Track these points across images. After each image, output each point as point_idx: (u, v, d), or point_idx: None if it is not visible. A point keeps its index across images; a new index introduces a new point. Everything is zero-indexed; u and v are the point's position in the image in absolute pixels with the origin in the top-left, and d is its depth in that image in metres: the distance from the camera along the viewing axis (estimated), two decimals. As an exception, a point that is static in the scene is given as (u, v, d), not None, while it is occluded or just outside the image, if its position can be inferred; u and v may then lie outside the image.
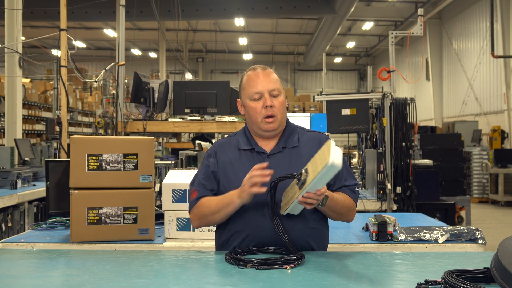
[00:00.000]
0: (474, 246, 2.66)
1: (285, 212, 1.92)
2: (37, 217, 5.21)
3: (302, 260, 1.83)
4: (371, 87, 7.86)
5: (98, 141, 2.71)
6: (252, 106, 2.08)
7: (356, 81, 25.95)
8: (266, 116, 2.05)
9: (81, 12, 12.64)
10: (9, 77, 7.44)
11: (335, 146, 1.77)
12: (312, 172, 1.77)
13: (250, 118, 2.11)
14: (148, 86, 5.25)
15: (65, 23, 5.09)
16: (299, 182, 1.81)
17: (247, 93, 2.09)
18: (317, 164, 1.77)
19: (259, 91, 2.07)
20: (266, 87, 2.07)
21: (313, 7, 13.40)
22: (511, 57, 12.32)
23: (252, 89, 2.08)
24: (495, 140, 12.28)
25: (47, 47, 16.94)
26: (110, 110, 10.49)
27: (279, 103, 2.07)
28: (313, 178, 1.74)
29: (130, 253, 2.14)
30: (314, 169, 1.78)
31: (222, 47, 22.89)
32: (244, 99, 2.11)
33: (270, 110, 2.05)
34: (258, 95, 2.07)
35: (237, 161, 2.09)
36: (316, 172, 1.73)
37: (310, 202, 1.82)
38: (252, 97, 2.08)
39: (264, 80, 2.08)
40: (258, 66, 2.14)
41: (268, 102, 2.05)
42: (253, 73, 2.11)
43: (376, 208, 5.26)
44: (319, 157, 1.80)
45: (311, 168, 1.81)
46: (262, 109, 2.06)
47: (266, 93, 2.06)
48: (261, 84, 2.07)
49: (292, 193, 1.89)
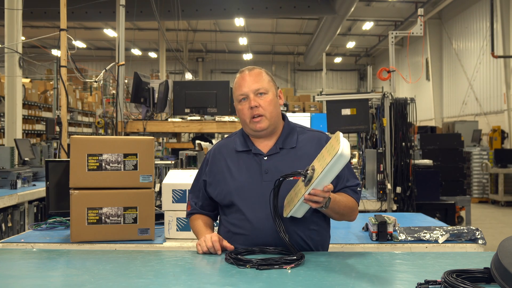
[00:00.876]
0: (474, 246, 2.65)
1: (288, 214, 1.89)
2: (37, 217, 5.21)
3: (302, 260, 1.83)
4: (371, 87, 7.87)
5: (98, 141, 2.71)
6: (239, 108, 2.10)
7: (356, 81, 25.95)
8: (253, 116, 2.06)
9: (81, 12, 12.63)
10: (9, 77, 7.43)
11: (343, 138, 1.76)
12: (320, 166, 1.75)
13: (241, 120, 2.13)
14: (148, 86, 5.25)
15: (65, 23, 5.09)
16: (305, 179, 1.78)
17: (235, 96, 2.12)
18: (325, 157, 1.75)
19: (243, 92, 2.07)
20: (251, 88, 2.07)
21: (313, 7, 13.40)
22: (511, 57, 12.32)
23: (238, 91, 2.10)
24: (495, 140, 12.28)
25: (47, 47, 16.93)
26: (110, 110, 10.49)
27: (266, 102, 2.06)
28: (321, 171, 1.72)
29: (130, 253, 2.14)
30: (322, 162, 1.76)
31: (222, 47, 22.89)
32: (235, 102, 2.14)
33: (256, 110, 2.05)
34: (243, 97, 2.08)
35: (234, 164, 2.10)
36: (325, 164, 1.71)
37: (317, 200, 1.79)
38: (238, 99, 2.10)
39: (249, 81, 2.08)
40: (246, 68, 2.15)
41: (252, 103, 2.05)
42: (240, 75, 2.13)
43: (376, 208, 5.26)
44: (327, 151, 1.78)
45: (318, 164, 1.79)
46: (249, 110, 2.06)
47: (251, 93, 2.06)
48: (246, 85, 2.07)
49: (296, 191, 1.87)
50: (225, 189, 2.06)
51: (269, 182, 1.98)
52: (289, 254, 1.88)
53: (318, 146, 2.00)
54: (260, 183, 2.02)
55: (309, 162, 1.91)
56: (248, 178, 2.05)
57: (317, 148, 1.96)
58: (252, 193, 2.01)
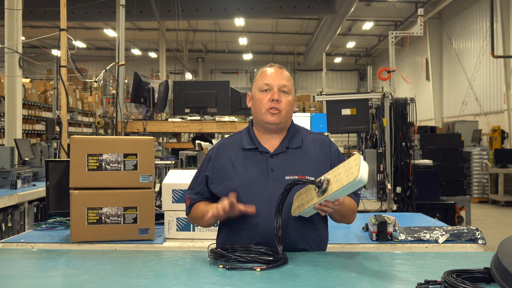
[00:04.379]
0: (474, 246, 2.66)
1: (297, 214, 1.92)
2: (37, 217, 5.21)
3: (278, 263, 1.78)
4: (371, 87, 7.87)
5: (98, 141, 2.71)
6: (259, 97, 2.10)
7: (356, 81, 25.95)
8: (271, 108, 2.07)
9: (81, 12, 12.63)
10: (9, 77, 7.43)
11: (364, 161, 1.78)
12: (336, 183, 1.78)
13: (255, 109, 2.12)
14: (148, 86, 5.24)
15: (65, 23, 5.09)
16: (319, 190, 1.82)
17: (257, 84, 2.12)
18: (342, 176, 1.78)
19: (269, 83, 2.10)
20: (277, 82, 2.10)
21: (313, 7, 13.40)
22: (511, 57, 12.32)
23: (263, 80, 2.11)
24: (495, 140, 12.29)
25: (47, 47, 16.93)
26: (110, 110, 10.48)
27: (286, 101, 2.10)
28: (337, 190, 1.76)
29: (130, 253, 2.14)
30: (338, 180, 1.78)
31: (222, 47, 22.89)
32: (254, 90, 2.14)
33: (276, 104, 2.07)
34: (267, 87, 2.10)
35: (239, 161, 2.09)
36: (341, 185, 1.74)
37: (326, 210, 1.85)
38: (261, 88, 2.11)
39: (277, 75, 2.11)
40: (276, 64, 2.19)
41: (275, 96, 2.07)
42: (268, 68, 2.16)
43: (376, 208, 5.26)
44: (345, 170, 1.80)
45: (333, 178, 1.81)
46: (269, 102, 2.08)
47: (275, 87, 2.09)
48: (273, 78, 2.11)
49: (308, 197, 1.88)
50: (229, 185, 2.06)
51: (274, 180, 2.00)
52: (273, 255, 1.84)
53: (321, 149, 2.11)
54: (266, 180, 2.03)
55: (313, 163, 1.98)
56: (253, 175, 2.05)
57: (321, 151, 2.08)
58: (257, 190, 2.02)
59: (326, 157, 2.11)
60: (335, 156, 2.12)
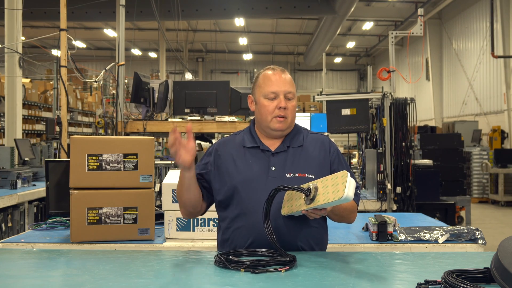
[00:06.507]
0: (474, 246, 2.66)
1: (286, 214, 1.94)
2: (37, 217, 5.21)
3: (295, 263, 1.80)
4: (371, 87, 7.86)
5: (98, 141, 2.71)
6: (265, 104, 2.10)
7: (356, 81, 25.95)
8: (278, 116, 2.07)
9: (81, 12, 12.62)
10: (9, 77, 7.43)
11: (351, 178, 1.79)
12: (323, 195, 1.80)
13: (261, 115, 2.12)
14: (148, 86, 5.24)
15: (65, 23, 5.09)
16: (307, 198, 1.84)
17: (263, 91, 2.11)
18: (328, 190, 1.79)
19: (275, 91, 2.09)
20: (283, 89, 2.09)
21: (313, 7, 13.40)
22: (511, 57, 12.32)
23: (269, 88, 2.10)
24: (495, 140, 12.28)
25: (47, 47, 16.93)
26: (110, 110, 10.47)
27: (292, 107, 2.11)
28: (322, 204, 1.78)
29: (130, 253, 2.14)
30: (325, 193, 1.80)
31: (222, 47, 22.89)
32: (258, 96, 2.13)
33: (282, 111, 2.08)
34: (274, 95, 2.09)
35: (240, 158, 2.10)
36: (327, 200, 1.77)
37: (314, 216, 1.87)
38: (267, 96, 2.10)
39: (281, 81, 2.10)
40: (277, 67, 2.17)
41: (282, 103, 2.07)
42: (272, 72, 2.14)
43: (376, 208, 5.26)
44: (332, 184, 1.81)
45: (321, 189, 1.82)
46: (275, 109, 2.08)
47: (281, 94, 2.09)
48: (278, 85, 2.09)
49: (297, 201, 1.89)
50: (229, 182, 2.07)
51: (275, 178, 2.02)
52: (279, 256, 1.84)
53: (321, 148, 2.12)
54: (266, 177, 2.04)
55: (312, 162, 2.01)
56: (254, 172, 2.06)
57: (320, 150, 2.11)
58: (257, 187, 2.02)
59: (325, 157, 2.12)
60: (335, 156, 2.14)
